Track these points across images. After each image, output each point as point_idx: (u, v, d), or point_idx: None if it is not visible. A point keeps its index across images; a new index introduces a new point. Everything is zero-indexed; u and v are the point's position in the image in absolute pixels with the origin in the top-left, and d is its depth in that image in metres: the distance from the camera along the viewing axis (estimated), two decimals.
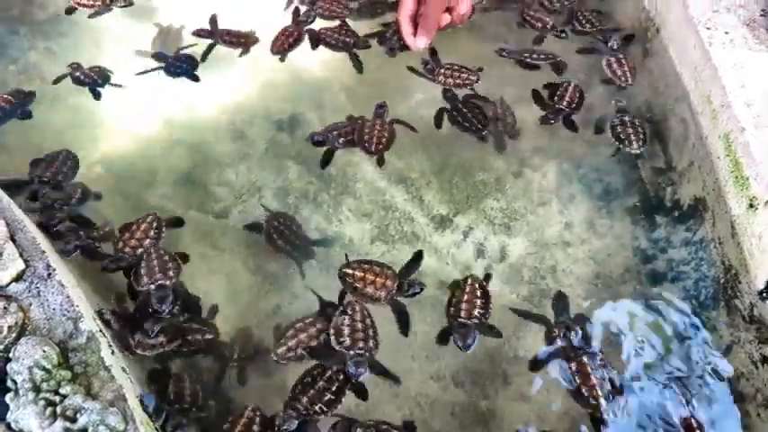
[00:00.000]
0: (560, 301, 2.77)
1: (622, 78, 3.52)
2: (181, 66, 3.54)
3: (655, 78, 3.53)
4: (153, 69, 3.50)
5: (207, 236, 2.95)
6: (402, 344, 2.64)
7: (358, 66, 3.57)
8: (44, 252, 2.05)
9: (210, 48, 3.62)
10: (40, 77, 3.49)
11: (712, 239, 2.84)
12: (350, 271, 2.74)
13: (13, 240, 2.06)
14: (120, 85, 3.45)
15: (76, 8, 3.78)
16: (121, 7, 3.85)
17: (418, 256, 2.85)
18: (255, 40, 3.70)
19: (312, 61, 3.68)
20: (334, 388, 2.43)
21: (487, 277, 2.83)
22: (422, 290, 2.74)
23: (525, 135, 3.37)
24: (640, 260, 2.93)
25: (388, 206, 3.09)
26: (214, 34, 3.69)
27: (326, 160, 3.18)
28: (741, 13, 3.19)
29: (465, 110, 3.34)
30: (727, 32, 3.09)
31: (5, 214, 2.13)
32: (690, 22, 3.20)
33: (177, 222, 2.92)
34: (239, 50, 3.65)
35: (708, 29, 3.12)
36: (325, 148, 3.21)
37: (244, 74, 3.59)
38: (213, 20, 3.75)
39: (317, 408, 2.38)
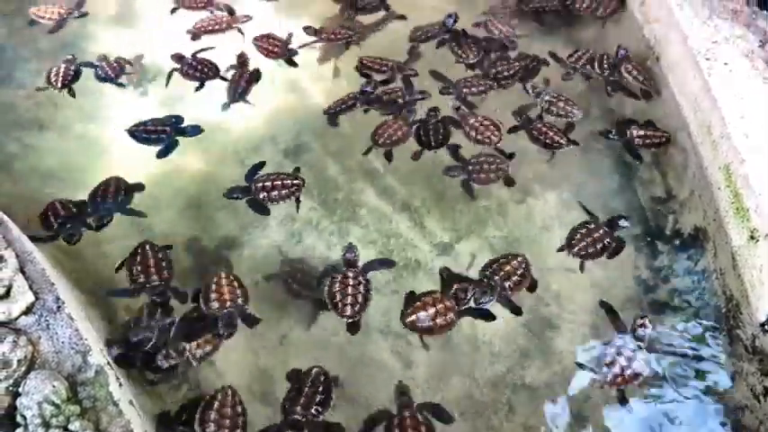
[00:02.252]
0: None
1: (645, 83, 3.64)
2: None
3: (654, 106, 3.57)
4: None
5: (214, 265, 2.96)
6: (404, 376, 2.65)
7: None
8: (53, 284, 2.07)
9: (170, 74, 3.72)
10: (51, 102, 3.53)
11: (714, 270, 2.87)
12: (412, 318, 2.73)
13: (23, 272, 2.08)
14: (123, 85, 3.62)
15: (38, 21, 3.94)
16: (77, 18, 3.99)
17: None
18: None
19: (315, 90, 3.73)
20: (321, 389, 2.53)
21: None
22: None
23: (526, 162, 3.40)
24: (642, 289, 2.94)
25: (392, 233, 3.11)
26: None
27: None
28: (740, 44, 3.24)
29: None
30: (726, 63, 3.14)
31: (15, 246, 2.15)
32: (689, 52, 3.25)
33: None
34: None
35: (707, 60, 3.17)
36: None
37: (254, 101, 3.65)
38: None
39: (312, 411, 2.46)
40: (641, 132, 3.40)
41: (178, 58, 3.75)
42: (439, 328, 2.70)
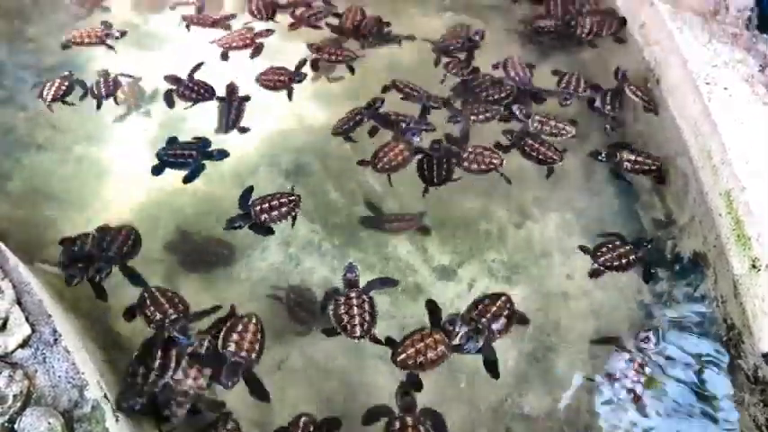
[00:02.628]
0: None
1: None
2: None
3: (655, 129, 3.58)
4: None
5: (210, 287, 2.95)
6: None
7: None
8: (50, 316, 2.06)
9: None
10: (50, 124, 3.53)
11: (715, 297, 2.85)
12: (404, 355, 2.70)
13: (20, 303, 2.07)
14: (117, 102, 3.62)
15: (75, 46, 3.95)
16: (116, 39, 4.02)
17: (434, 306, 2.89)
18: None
19: (315, 110, 3.73)
20: None
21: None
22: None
23: (526, 185, 3.39)
24: (644, 314, 2.92)
25: (391, 257, 3.10)
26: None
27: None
28: (740, 68, 3.24)
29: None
30: (726, 88, 3.14)
31: (13, 276, 2.15)
32: (689, 76, 3.25)
33: None
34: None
35: (707, 84, 3.17)
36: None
37: (252, 124, 3.65)
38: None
39: None
40: (632, 157, 3.40)
41: (174, 79, 3.74)
42: (431, 363, 2.67)
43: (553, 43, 4.17)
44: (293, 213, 3.17)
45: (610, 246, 3.07)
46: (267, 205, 3.14)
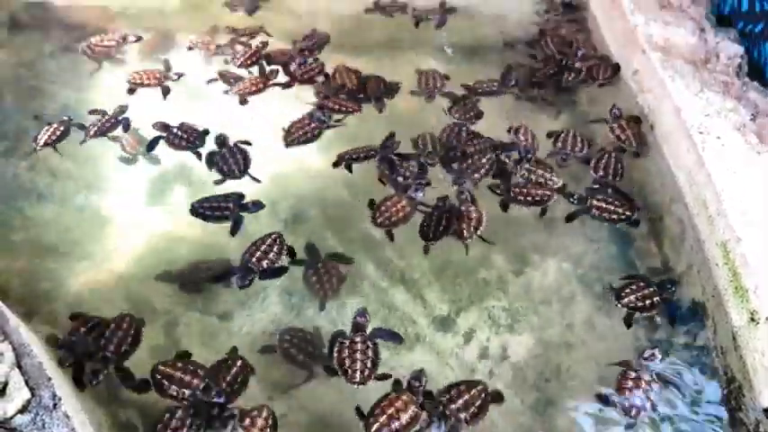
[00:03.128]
0: None
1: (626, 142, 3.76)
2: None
3: (651, 175, 3.62)
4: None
5: (212, 338, 2.94)
6: None
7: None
8: (50, 379, 2.05)
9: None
10: (50, 172, 3.56)
11: (714, 347, 2.86)
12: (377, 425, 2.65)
13: (20, 366, 2.06)
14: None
15: (138, 88, 4.06)
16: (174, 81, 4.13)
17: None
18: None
19: (315, 155, 3.77)
20: None
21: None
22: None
23: (525, 232, 3.42)
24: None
25: (391, 306, 3.10)
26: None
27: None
28: (732, 117, 3.30)
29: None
30: (719, 137, 3.19)
31: (13, 338, 2.14)
32: (683, 125, 3.31)
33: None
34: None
35: (700, 133, 3.22)
36: None
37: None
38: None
39: None
40: (601, 205, 3.43)
41: (162, 126, 3.78)
42: (405, 426, 2.64)
43: (547, 92, 4.22)
44: (284, 247, 3.21)
45: (634, 287, 3.09)
46: (260, 252, 3.15)
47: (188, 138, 3.75)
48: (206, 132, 3.81)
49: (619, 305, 3.06)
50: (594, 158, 3.68)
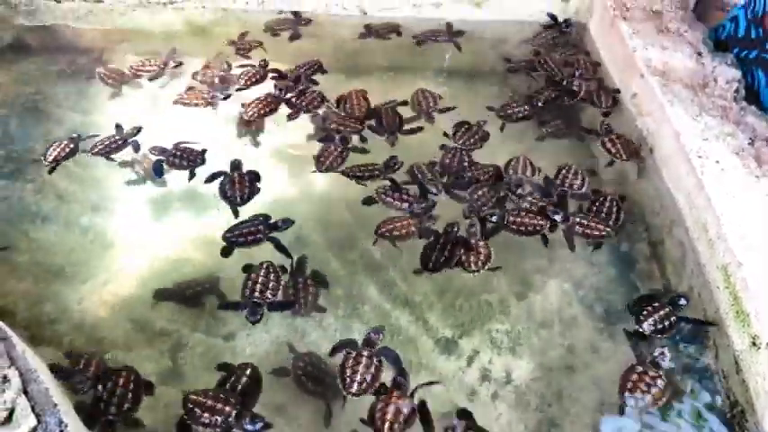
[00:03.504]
0: None
1: (617, 155, 3.82)
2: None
3: (650, 198, 3.65)
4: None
5: (216, 359, 2.95)
6: None
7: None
8: (56, 405, 2.06)
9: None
10: (56, 195, 3.59)
11: (716, 371, 2.86)
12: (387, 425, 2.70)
13: (26, 392, 2.07)
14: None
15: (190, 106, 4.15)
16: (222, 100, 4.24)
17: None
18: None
19: (317, 179, 3.81)
20: None
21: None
22: None
23: (526, 254, 3.44)
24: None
25: (394, 330, 3.11)
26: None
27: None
28: (730, 141, 3.34)
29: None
30: (717, 161, 3.23)
31: (19, 363, 2.15)
32: (682, 149, 3.34)
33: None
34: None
35: (699, 157, 3.26)
36: None
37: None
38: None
39: None
40: (584, 222, 3.47)
41: (161, 150, 3.82)
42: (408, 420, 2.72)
43: (547, 115, 4.26)
44: (278, 273, 3.21)
45: (650, 308, 3.09)
46: (260, 285, 3.14)
47: (187, 158, 3.79)
48: (204, 152, 3.85)
49: (641, 329, 3.05)
50: (594, 202, 3.61)
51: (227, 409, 2.67)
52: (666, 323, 3.03)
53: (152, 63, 4.43)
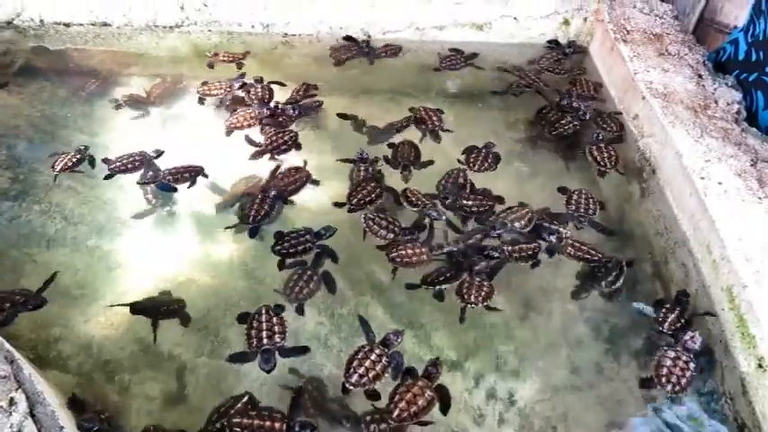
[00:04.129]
0: None
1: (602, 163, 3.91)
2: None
3: (654, 218, 3.67)
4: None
5: (221, 381, 2.94)
6: None
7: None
8: (62, 428, 2.06)
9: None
10: (62, 216, 3.62)
11: (723, 393, 2.85)
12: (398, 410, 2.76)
13: (33, 415, 2.08)
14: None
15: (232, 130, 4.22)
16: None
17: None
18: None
19: (320, 194, 3.84)
20: None
21: None
22: None
23: (529, 275, 3.45)
24: (651, 408, 2.91)
25: (400, 348, 3.10)
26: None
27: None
28: (732, 163, 3.37)
29: None
30: (720, 183, 3.25)
31: (26, 386, 2.16)
32: (684, 171, 3.37)
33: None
34: None
35: (702, 179, 3.28)
36: None
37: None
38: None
39: None
40: (576, 243, 3.49)
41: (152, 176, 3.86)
42: (423, 410, 2.78)
43: (551, 137, 4.31)
44: (279, 316, 3.13)
45: (664, 311, 3.15)
46: (266, 332, 3.06)
47: (183, 173, 3.86)
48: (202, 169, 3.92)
49: (663, 330, 3.09)
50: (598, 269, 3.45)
51: (277, 425, 2.67)
52: (683, 321, 3.08)
53: (219, 86, 4.49)
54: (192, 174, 3.88)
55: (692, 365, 2.88)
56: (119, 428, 2.67)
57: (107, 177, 3.86)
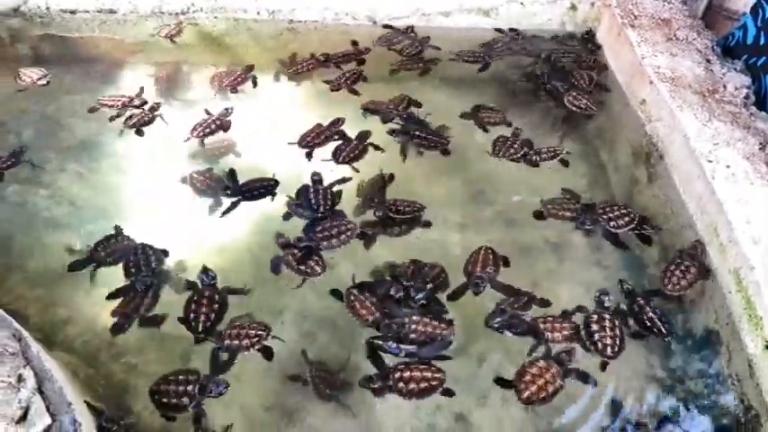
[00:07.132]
0: None
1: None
2: None
3: (661, 202, 3.64)
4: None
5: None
6: None
7: None
8: (71, 404, 2.07)
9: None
10: (69, 201, 3.63)
11: (729, 375, 2.84)
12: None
13: (41, 391, 2.09)
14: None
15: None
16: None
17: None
18: None
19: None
20: None
21: None
22: None
23: (536, 258, 3.44)
24: (659, 391, 2.90)
25: None
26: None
27: None
28: (740, 146, 3.34)
29: None
30: (728, 166, 3.23)
31: (34, 363, 2.17)
32: (692, 154, 3.35)
33: None
34: None
35: (710, 162, 3.26)
36: None
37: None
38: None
39: None
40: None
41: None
42: (551, 396, 2.80)
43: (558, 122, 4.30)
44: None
45: (672, 268, 3.21)
46: (238, 339, 2.98)
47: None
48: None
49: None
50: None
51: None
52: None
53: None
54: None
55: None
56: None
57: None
